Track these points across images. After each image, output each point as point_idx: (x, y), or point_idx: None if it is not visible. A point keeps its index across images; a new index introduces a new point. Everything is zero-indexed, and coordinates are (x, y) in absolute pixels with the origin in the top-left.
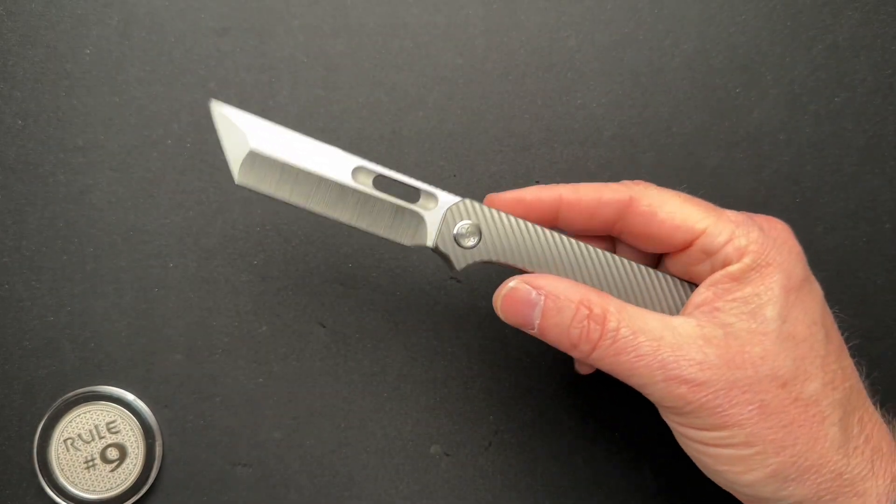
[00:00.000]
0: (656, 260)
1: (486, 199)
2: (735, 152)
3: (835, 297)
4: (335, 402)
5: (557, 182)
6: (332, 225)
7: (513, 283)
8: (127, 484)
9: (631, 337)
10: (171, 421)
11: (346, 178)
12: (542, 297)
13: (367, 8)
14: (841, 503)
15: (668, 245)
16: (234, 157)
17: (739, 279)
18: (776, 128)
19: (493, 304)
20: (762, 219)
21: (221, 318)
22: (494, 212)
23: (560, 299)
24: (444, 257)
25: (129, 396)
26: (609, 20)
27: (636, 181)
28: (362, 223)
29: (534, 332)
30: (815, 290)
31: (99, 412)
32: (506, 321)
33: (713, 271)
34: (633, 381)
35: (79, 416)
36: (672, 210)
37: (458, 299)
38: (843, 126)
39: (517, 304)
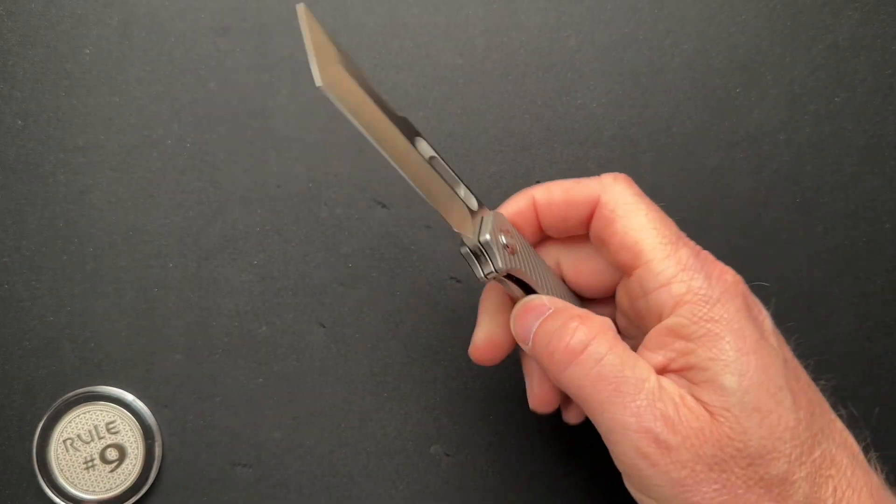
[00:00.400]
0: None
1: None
2: (735, 152)
3: (835, 298)
4: (335, 402)
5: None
6: (332, 225)
7: (533, 296)
8: (126, 484)
9: (618, 366)
10: (170, 421)
11: (412, 143)
12: (550, 310)
13: (367, 8)
14: None
15: (614, 261)
16: (321, 59)
17: (686, 338)
18: (776, 128)
19: (511, 320)
20: (715, 268)
21: (221, 318)
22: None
23: (562, 311)
24: (487, 255)
25: (129, 397)
26: (609, 20)
27: (619, 176)
28: (422, 188)
29: (528, 348)
30: (773, 350)
31: (98, 412)
32: (514, 333)
33: (649, 316)
34: (604, 421)
35: (78, 416)
36: (630, 226)
37: (458, 299)
38: (844, 126)
39: (527, 313)
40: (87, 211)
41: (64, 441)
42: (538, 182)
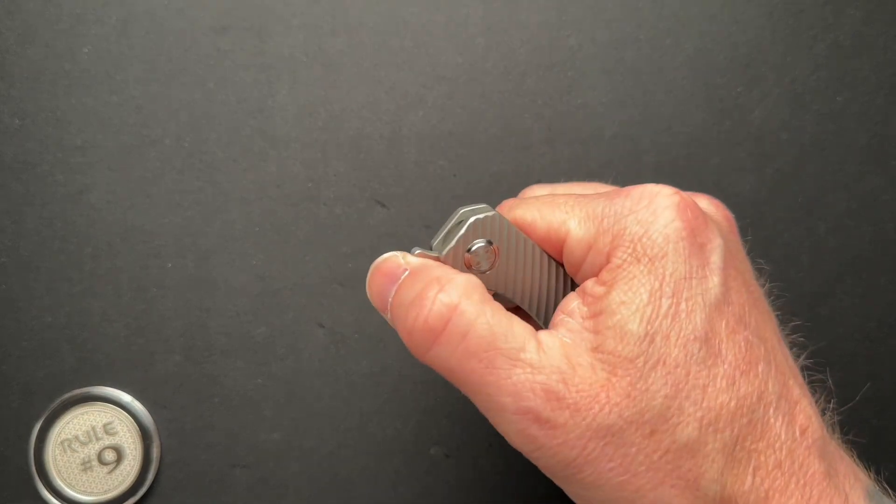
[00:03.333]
0: None
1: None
2: (737, 152)
3: (837, 298)
4: (334, 403)
5: (559, 181)
6: (332, 225)
7: (389, 253)
8: (124, 486)
9: (487, 337)
10: (168, 422)
11: None
12: (407, 272)
13: (367, 6)
14: None
15: (561, 260)
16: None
17: (605, 283)
18: (778, 127)
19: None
20: (636, 194)
21: (220, 318)
22: (518, 234)
23: (419, 273)
24: None
25: (127, 398)
26: (610, 19)
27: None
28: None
29: (388, 318)
30: (704, 291)
31: (96, 413)
32: (370, 299)
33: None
34: (480, 402)
35: (76, 417)
36: (526, 222)
37: None
38: (846, 125)
39: (381, 277)
40: (85, 211)
41: (61, 442)
42: (539, 182)
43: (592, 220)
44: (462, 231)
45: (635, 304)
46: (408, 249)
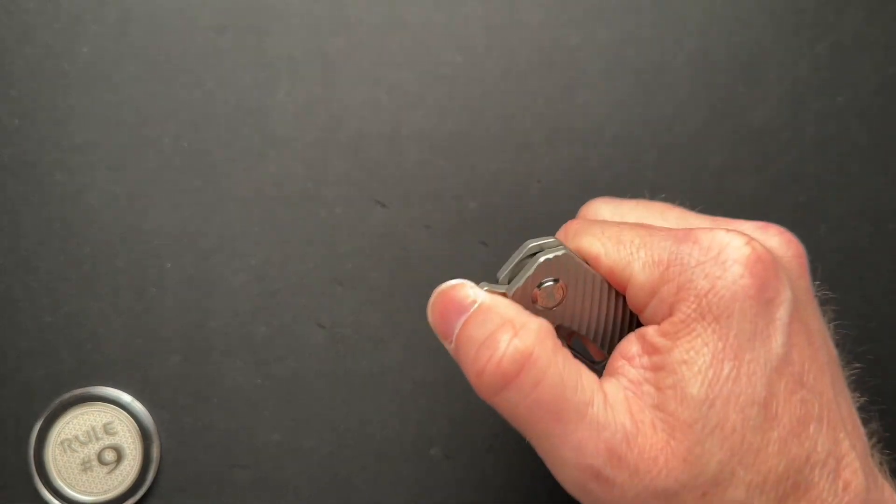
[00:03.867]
0: None
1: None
2: (738, 151)
3: (838, 298)
4: (334, 404)
5: (559, 181)
6: (331, 225)
7: (457, 280)
8: (124, 486)
9: (559, 388)
10: (168, 423)
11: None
12: (477, 306)
13: (366, 5)
14: None
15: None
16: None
17: (669, 335)
18: (779, 127)
19: (428, 307)
20: (706, 242)
21: (219, 318)
22: (586, 271)
23: (491, 311)
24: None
25: (126, 398)
26: (611, 18)
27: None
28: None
29: (451, 348)
30: (767, 353)
31: (96, 413)
32: (431, 324)
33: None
34: (543, 450)
35: (75, 417)
36: (594, 256)
37: None
38: (847, 125)
39: (446, 304)
40: (83, 211)
41: (61, 442)
42: (539, 182)
43: (657, 265)
44: (531, 271)
45: (697, 366)
46: (408, 249)
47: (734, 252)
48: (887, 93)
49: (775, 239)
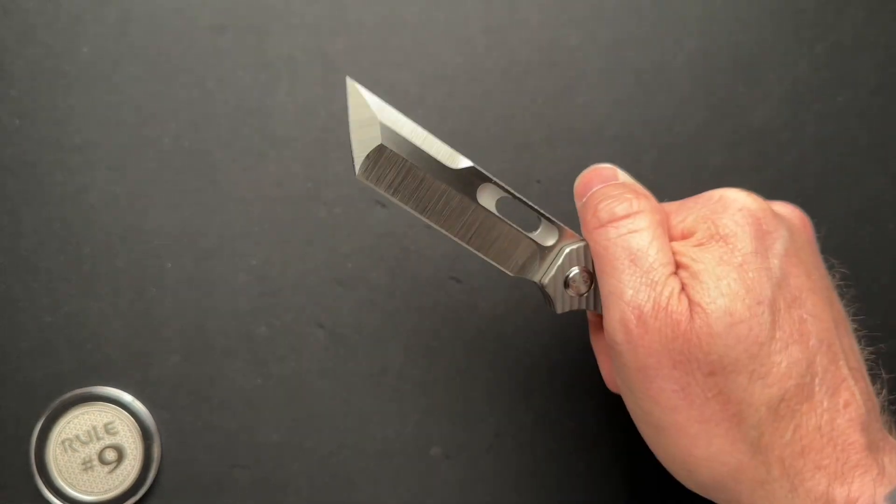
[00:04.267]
0: None
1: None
2: (738, 151)
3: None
4: (334, 404)
5: (559, 181)
6: (331, 225)
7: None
8: (125, 486)
9: (646, 243)
10: (169, 422)
11: (471, 196)
12: (617, 180)
13: (366, 6)
14: None
15: None
16: (360, 147)
17: (690, 250)
18: (779, 127)
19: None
20: (715, 195)
21: (219, 319)
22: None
23: (626, 184)
24: (548, 296)
25: (127, 397)
26: (611, 18)
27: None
28: (473, 244)
29: (580, 203)
30: (766, 272)
31: (97, 413)
32: (575, 188)
33: None
34: (607, 283)
35: (76, 417)
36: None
37: (458, 299)
38: (847, 125)
39: (596, 174)
40: (84, 211)
41: (62, 442)
42: (539, 182)
43: (687, 209)
44: (560, 261)
45: (710, 268)
46: (408, 249)
47: (735, 194)
48: (887, 92)
49: (778, 205)
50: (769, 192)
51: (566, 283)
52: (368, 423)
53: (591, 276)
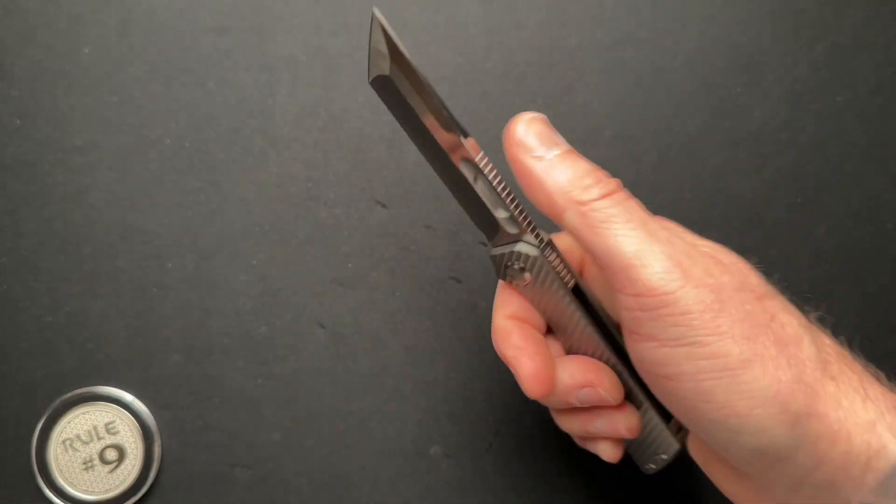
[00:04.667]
0: None
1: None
2: (737, 152)
3: (837, 298)
4: (334, 404)
5: None
6: (331, 225)
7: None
8: (126, 485)
9: (626, 223)
10: (169, 422)
11: (453, 160)
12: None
13: (367, 6)
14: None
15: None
16: (375, 64)
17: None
18: (778, 127)
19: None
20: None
21: (220, 318)
22: (552, 270)
23: (567, 155)
24: (496, 265)
25: (128, 397)
26: (610, 19)
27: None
28: (458, 196)
29: (547, 159)
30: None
31: (97, 413)
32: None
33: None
34: (620, 243)
35: (77, 416)
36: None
37: (458, 299)
38: (846, 125)
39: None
40: (85, 211)
41: (63, 441)
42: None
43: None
44: (514, 249)
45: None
46: (408, 249)
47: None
48: (886, 93)
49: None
50: (769, 192)
51: (505, 274)
52: (368, 423)
53: (531, 270)
